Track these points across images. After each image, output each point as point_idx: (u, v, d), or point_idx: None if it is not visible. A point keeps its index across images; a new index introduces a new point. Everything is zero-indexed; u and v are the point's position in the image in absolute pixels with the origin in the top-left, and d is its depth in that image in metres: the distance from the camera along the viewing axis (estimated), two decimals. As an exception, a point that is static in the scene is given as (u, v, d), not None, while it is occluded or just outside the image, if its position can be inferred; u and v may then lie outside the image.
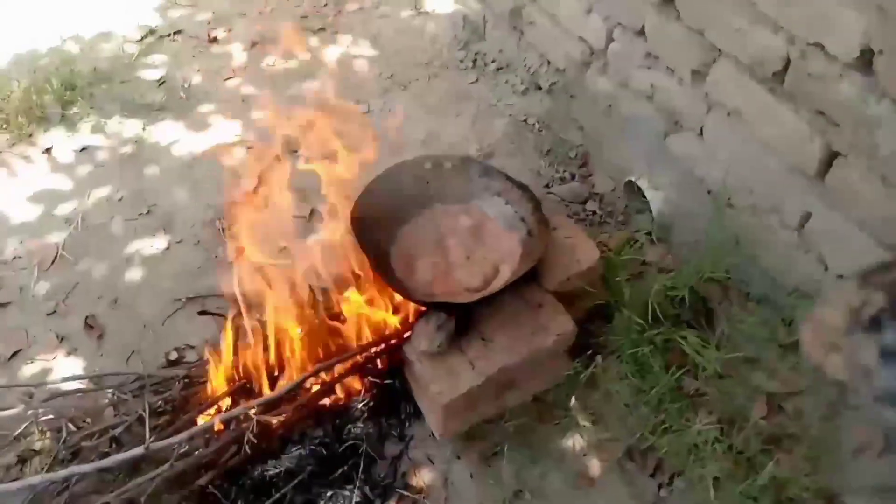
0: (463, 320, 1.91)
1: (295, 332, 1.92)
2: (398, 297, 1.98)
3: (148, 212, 2.68)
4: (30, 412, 2.03)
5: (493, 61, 3.16)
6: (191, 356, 2.21)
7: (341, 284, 2.01)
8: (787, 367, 1.98)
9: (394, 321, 1.96)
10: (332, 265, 2.01)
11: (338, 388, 1.98)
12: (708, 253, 2.14)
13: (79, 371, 2.19)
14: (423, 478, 1.92)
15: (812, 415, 1.90)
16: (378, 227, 2.04)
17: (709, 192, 2.23)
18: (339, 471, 1.89)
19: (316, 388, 1.94)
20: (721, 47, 2.00)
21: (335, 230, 2.00)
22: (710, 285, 2.12)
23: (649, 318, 1.99)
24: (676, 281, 2.11)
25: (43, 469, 1.90)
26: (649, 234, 2.39)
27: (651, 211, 2.37)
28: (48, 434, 1.99)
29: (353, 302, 1.96)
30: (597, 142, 2.71)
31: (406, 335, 1.93)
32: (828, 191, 1.85)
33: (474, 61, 3.19)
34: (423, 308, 1.93)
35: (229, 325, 1.96)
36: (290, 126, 2.11)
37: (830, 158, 1.81)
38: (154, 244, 2.57)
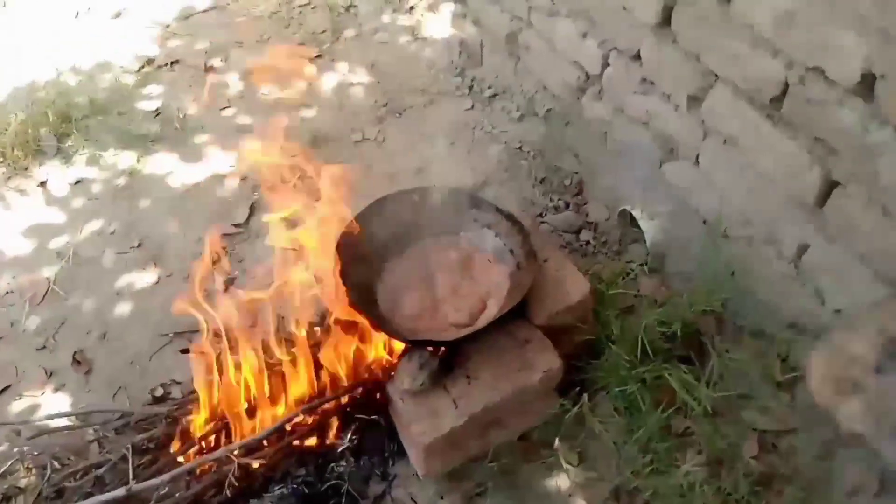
0: (448, 357, 1.92)
1: (277, 370, 1.94)
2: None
3: (139, 245, 2.70)
4: (15, 449, 2.06)
5: (489, 87, 3.17)
6: (176, 392, 2.22)
7: (328, 321, 2.02)
8: (781, 404, 1.97)
9: (382, 356, 1.98)
10: (318, 301, 2.03)
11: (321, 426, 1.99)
12: (702, 285, 2.13)
13: (66, 407, 2.22)
14: None
15: (805, 454, 1.89)
16: (363, 261, 2.06)
17: (704, 222, 2.22)
18: None
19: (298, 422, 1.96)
20: (718, 72, 1.99)
21: (324, 264, 2.01)
22: (704, 318, 2.11)
23: (639, 353, 1.98)
24: (669, 314, 2.09)
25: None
26: (643, 264, 2.38)
27: (646, 241, 2.37)
28: (33, 471, 2.01)
29: (338, 339, 1.97)
30: (592, 169, 2.72)
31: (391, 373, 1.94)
32: (826, 222, 1.83)
33: (470, 87, 3.21)
34: (407, 345, 1.93)
35: (203, 363, 1.97)
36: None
37: (829, 188, 1.78)
38: (144, 278, 2.59)
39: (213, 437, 1.98)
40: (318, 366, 2.00)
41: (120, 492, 1.76)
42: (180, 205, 2.85)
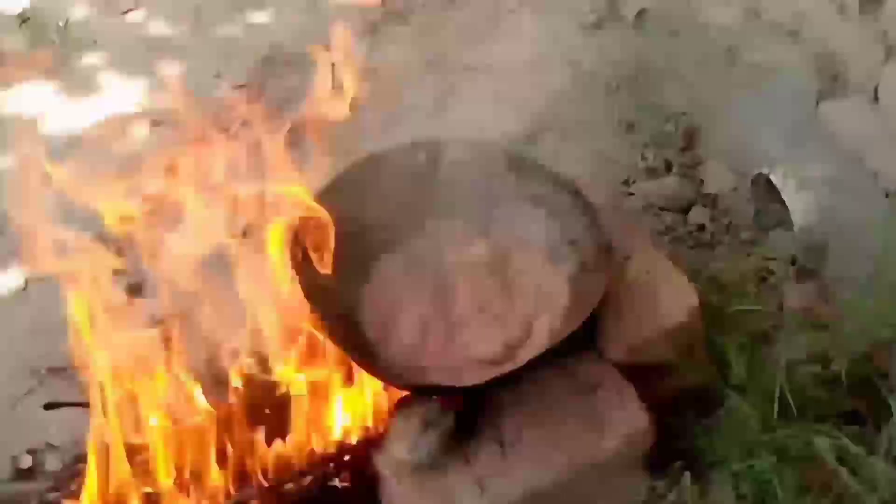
0: (470, 412, 1.92)
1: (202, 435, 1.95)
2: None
3: (-1, 232, 2.74)
4: None
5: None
6: (52, 462, 2.25)
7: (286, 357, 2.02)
8: None
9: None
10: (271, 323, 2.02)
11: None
12: (884, 297, 2.11)
13: None
14: None
15: None
16: (339, 260, 2.05)
17: (887, 196, 2.21)
18: None
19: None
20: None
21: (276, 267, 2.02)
22: (884, 353, 2.08)
23: (776, 409, 1.96)
24: (829, 345, 2.08)
25: None
26: (791, 263, 2.36)
27: (793, 225, 2.34)
28: None
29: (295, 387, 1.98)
30: (709, 110, 2.71)
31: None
32: None
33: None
34: (406, 393, 1.94)
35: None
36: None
37: None
38: (4, 282, 2.64)
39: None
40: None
41: None
42: (58, 163, 2.84)
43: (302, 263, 1.95)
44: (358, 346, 1.97)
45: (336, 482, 2.00)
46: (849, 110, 2.25)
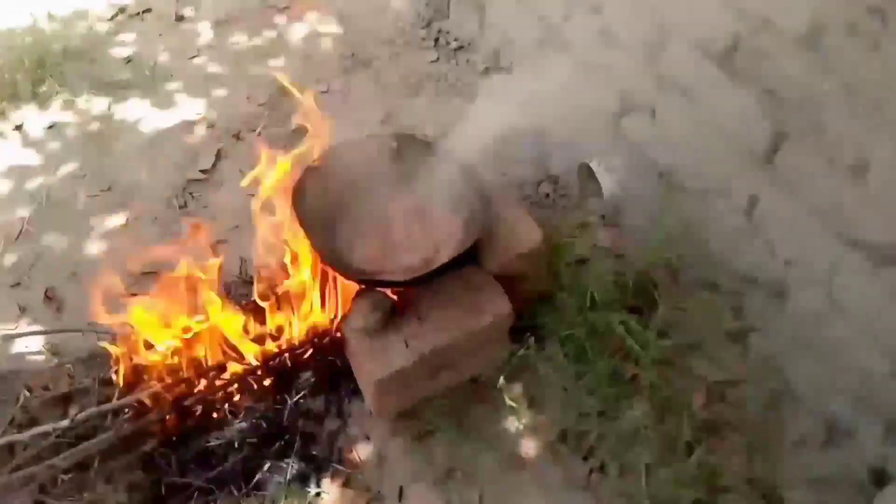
0: (400, 300, 1.85)
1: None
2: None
3: (109, 188, 2.61)
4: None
5: (455, 39, 3.04)
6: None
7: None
8: (731, 355, 1.90)
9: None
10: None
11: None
12: (657, 238, 2.05)
13: (39, 341, 2.13)
14: (359, 454, 1.86)
15: (753, 404, 1.83)
16: (322, 206, 1.94)
17: (660, 176, 2.13)
18: (278, 444, 1.86)
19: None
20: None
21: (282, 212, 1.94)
22: (657, 271, 2.02)
23: (588, 302, 1.89)
24: (623, 266, 2.02)
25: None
26: (602, 217, 2.28)
27: (603, 194, 2.26)
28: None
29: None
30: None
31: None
32: (776, 174, 1.76)
33: (436, 39, 3.07)
34: (362, 287, 1.85)
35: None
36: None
37: (779, 141, 1.72)
38: (114, 220, 2.51)
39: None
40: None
41: (64, 423, 1.76)
42: (149, 150, 2.75)
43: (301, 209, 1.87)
44: (334, 259, 1.86)
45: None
46: (637, 122, 2.15)
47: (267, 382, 1.92)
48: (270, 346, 1.89)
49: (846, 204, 1.61)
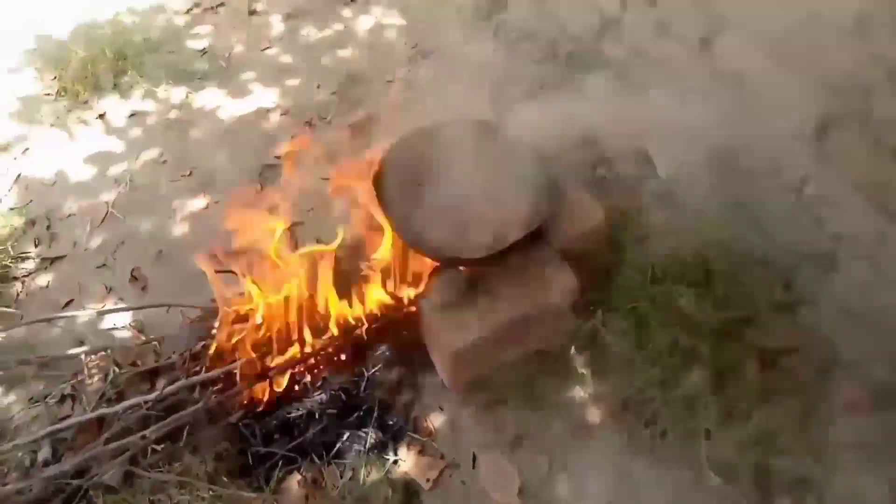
0: (475, 276, 1.92)
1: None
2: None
3: (190, 173, 2.72)
4: (81, 355, 2.10)
5: (513, 31, 3.09)
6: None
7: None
8: (783, 325, 1.95)
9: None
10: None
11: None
12: (711, 216, 2.11)
13: (125, 319, 2.25)
14: (433, 423, 1.94)
15: (804, 372, 1.88)
16: (399, 190, 2.02)
17: (713, 157, 2.16)
18: (356, 415, 1.93)
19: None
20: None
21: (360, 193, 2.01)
22: (712, 247, 2.08)
23: (649, 278, 1.97)
24: (680, 243, 2.08)
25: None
26: (657, 198, 2.33)
27: (659, 176, 2.32)
28: (97, 376, 2.06)
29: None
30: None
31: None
32: (825, 154, 1.81)
33: (496, 31, 3.13)
34: (438, 264, 1.94)
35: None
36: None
37: (828, 123, 1.77)
38: (195, 203, 2.61)
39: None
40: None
41: (153, 395, 1.86)
42: (227, 137, 2.86)
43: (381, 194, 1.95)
44: (414, 238, 1.94)
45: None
46: (692, 106, 2.21)
47: (344, 356, 2.00)
48: (350, 318, 1.97)
49: (892, 182, 1.68)
